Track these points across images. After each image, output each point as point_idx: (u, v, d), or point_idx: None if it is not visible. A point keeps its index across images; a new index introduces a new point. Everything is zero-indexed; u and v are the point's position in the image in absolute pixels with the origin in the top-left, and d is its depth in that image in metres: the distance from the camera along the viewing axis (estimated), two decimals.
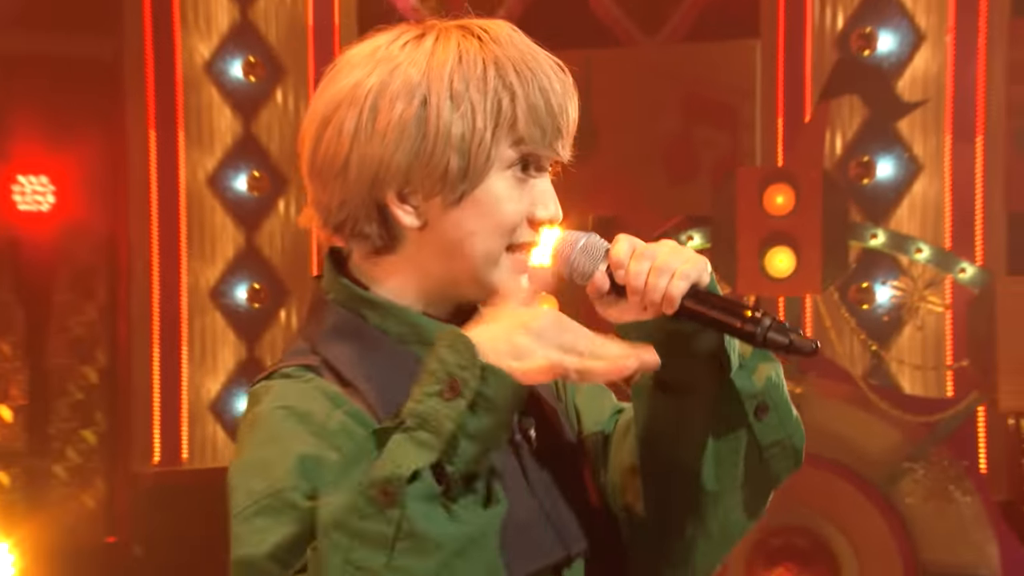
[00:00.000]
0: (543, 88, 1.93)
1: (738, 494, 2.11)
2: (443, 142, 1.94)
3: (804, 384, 7.07)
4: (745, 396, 1.95)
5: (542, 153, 1.99)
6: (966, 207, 7.89)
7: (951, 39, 7.92)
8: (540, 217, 2.00)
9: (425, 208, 1.99)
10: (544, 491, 2.07)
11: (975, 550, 7.15)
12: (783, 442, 2.02)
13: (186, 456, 9.47)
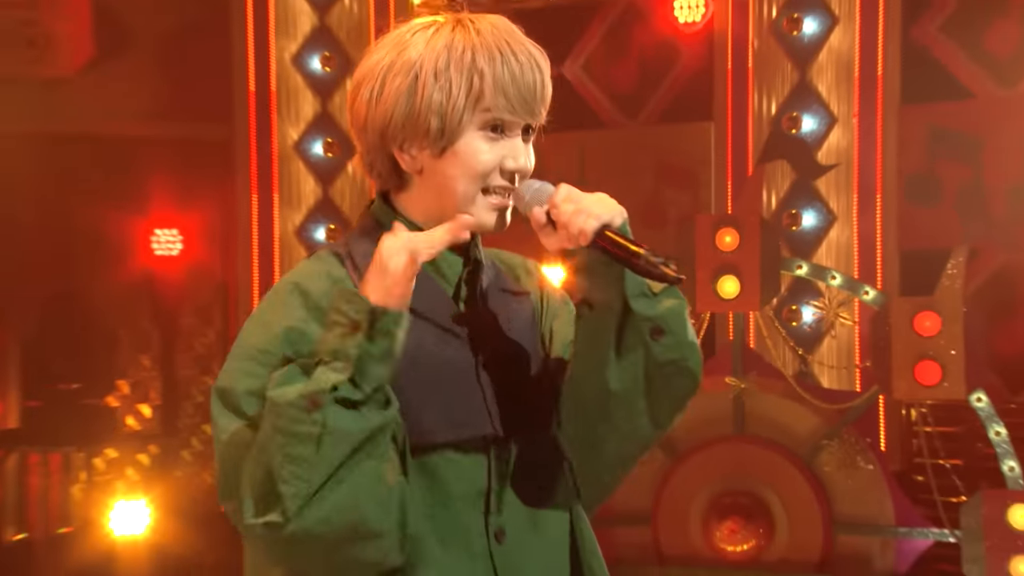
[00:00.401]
0: (511, 70, 2.22)
1: (642, 401, 2.32)
2: (426, 108, 2.23)
3: (747, 381, 7.45)
4: (641, 318, 2.19)
5: (507, 119, 2.24)
6: (869, 246, 8.40)
7: (856, 121, 8.44)
8: (508, 167, 2.25)
9: (420, 158, 2.29)
10: (489, 385, 2.35)
11: (875, 505, 7.29)
12: (678, 362, 2.25)
13: None
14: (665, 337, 2.21)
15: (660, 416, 2.33)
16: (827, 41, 8.32)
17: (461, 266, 2.40)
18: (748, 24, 8.43)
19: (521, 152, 2.25)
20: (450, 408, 2.32)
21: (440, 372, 2.34)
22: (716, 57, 8.74)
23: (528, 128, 2.27)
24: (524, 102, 2.23)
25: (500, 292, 2.49)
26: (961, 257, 7.07)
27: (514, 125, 2.24)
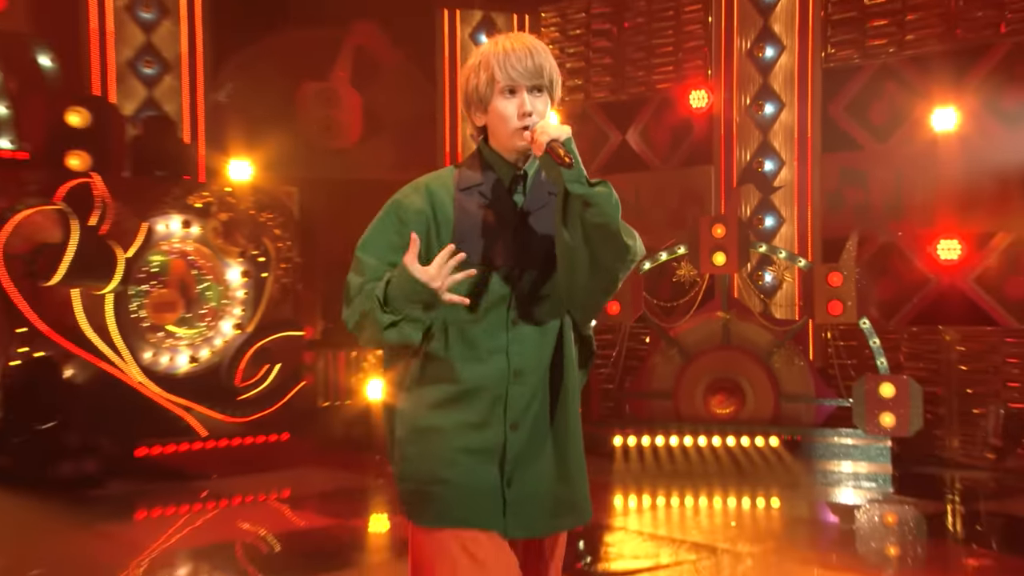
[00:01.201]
0: (510, 57, 2.48)
1: (585, 252, 2.45)
2: (472, 90, 2.54)
3: (731, 315, 8.57)
4: (574, 196, 2.37)
5: (513, 84, 2.48)
6: (803, 235, 9.32)
7: (796, 163, 9.29)
8: (520, 112, 2.47)
9: (481, 117, 2.57)
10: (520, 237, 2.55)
11: (804, 386, 8.40)
12: (605, 225, 2.40)
13: None
14: (592, 208, 2.39)
15: (606, 262, 2.49)
16: (779, 117, 9.24)
17: (517, 173, 2.62)
18: (733, 108, 9.42)
19: (525, 102, 2.50)
20: (493, 246, 2.58)
21: (488, 225, 2.60)
22: (714, 127, 9.53)
23: (535, 88, 2.53)
24: (520, 73, 2.50)
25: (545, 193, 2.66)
26: (854, 240, 8.21)
27: (519, 87, 2.50)
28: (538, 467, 2.57)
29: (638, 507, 7.38)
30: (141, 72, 9.62)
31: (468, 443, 2.51)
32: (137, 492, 7.80)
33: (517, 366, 2.51)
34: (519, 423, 2.51)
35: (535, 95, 2.45)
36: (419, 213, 2.52)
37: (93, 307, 8.23)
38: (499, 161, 2.56)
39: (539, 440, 2.56)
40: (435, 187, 2.55)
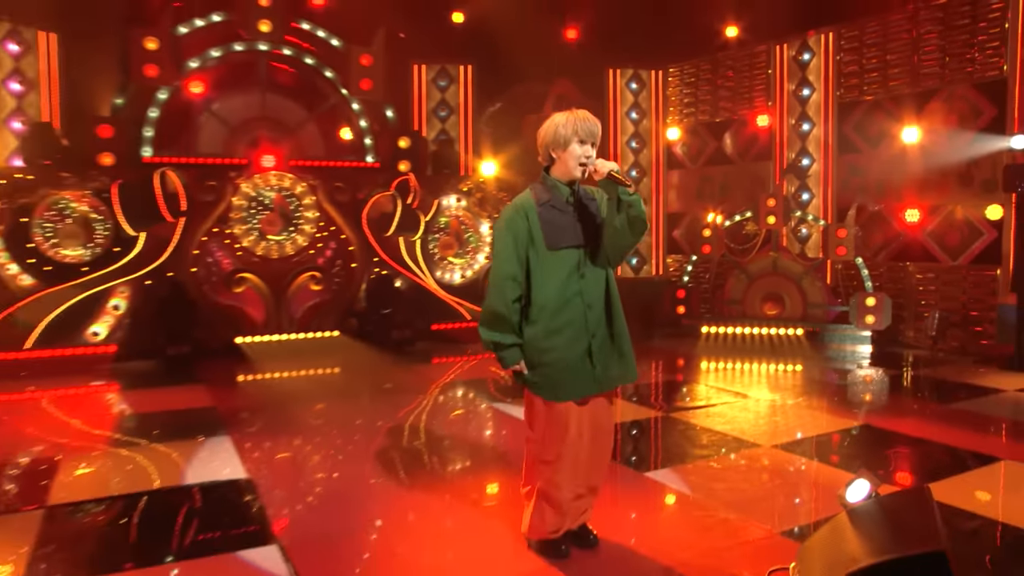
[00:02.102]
0: (588, 125, 2.72)
1: (628, 230, 2.67)
2: (559, 136, 2.75)
3: (778, 254, 8.86)
4: (623, 201, 2.63)
5: (584, 139, 2.71)
6: (825, 205, 9.17)
7: (822, 160, 9.15)
8: (584, 154, 2.72)
9: (558, 153, 2.76)
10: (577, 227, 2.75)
11: (822, 298, 8.59)
12: (638, 216, 2.66)
13: None
14: (632, 208, 2.62)
15: (636, 235, 2.71)
16: (812, 132, 9.19)
17: (570, 190, 2.75)
18: (784, 125, 9.41)
19: (589, 151, 2.69)
20: (565, 235, 2.76)
21: (560, 224, 2.75)
22: (772, 137, 9.47)
23: (591, 143, 2.71)
24: (587, 132, 2.73)
25: (587, 199, 2.78)
26: (854, 210, 8.51)
27: (586, 142, 2.73)
28: (608, 355, 2.86)
29: (708, 370, 7.36)
30: (438, 115, 10.30)
31: (573, 352, 2.80)
32: (432, 349, 8.44)
33: (588, 301, 2.79)
34: (596, 333, 2.80)
35: (591, 146, 2.77)
36: (521, 228, 2.78)
37: (410, 246, 9.16)
38: (558, 184, 2.82)
39: (606, 340, 2.84)
40: (526, 207, 2.80)
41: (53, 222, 7.80)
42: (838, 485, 3.56)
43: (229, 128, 9.09)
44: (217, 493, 4.10)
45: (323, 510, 3.84)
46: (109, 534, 3.62)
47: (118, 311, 8.05)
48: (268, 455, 4.81)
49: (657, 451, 4.63)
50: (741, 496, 3.83)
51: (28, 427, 5.60)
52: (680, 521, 3.48)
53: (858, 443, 4.82)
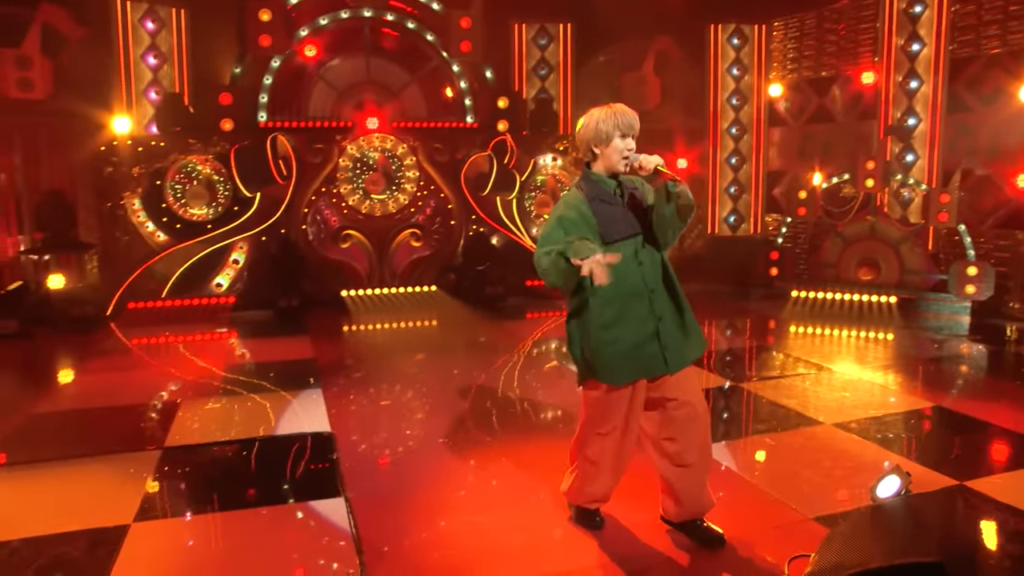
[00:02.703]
0: (623, 118, 2.71)
1: (676, 217, 2.71)
2: (600, 132, 2.74)
3: (875, 218, 8.43)
4: (671, 191, 2.67)
5: (625, 133, 2.71)
6: (930, 169, 8.60)
7: (929, 121, 8.63)
8: (627, 148, 2.72)
9: (600, 149, 2.76)
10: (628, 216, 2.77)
11: (920, 265, 8.28)
12: (685, 205, 2.70)
13: None
14: (681, 197, 2.69)
15: (684, 222, 2.77)
16: (920, 89, 8.66)
17: (615, 182, 2.79)
18: (890, 83, 8.82)
19: (631, 144, 2.71)
20: (619, 226, 2.78)
21: (613, 216, 2.78)
22: (877, 95, 8.93)
23: (632, 136, 2.72)
24: (629, 125, 2.74)
25: (631, 188, 2.82)
26: (958, 173, 8.20)
27: (627, 135, 2.74)
28: (676, 335, 2.90)
29: (792, 336, 7.16)
30: (538, 73, 10.12)
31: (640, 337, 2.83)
32: (526, 304, 8.64)
33: (651, 287, 2.84)
34: (663, 316, 2.85)
35: (631, 139, 2.79)
36: (573, 221, 2.80)
37: (507, 205, 9.36)
38: (602, 178, 2.86)
39: (673, 320, 2.88)
40: (578, 204, 2.83)
41: (182, 184, 8.48)
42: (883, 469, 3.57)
43: (336, 92, 9.45)
44: (301, 444, 4.49)
45: (392, 466, 4.11)
46: (204, 478, 4.06)
47: (238, 264, 8.73)
48: (353, 409, 5.15)
49: (715, 423, 4.61)
50: (784, 476, 3.82)
51: (159, 370, 6.27)
52: (717, 499, 3.49)
53: (924, 427, 4.63)
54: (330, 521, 3.50)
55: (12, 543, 3.24)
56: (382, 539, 3.27)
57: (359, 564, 3.05)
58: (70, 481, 3.99)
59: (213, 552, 3.24)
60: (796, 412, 4.80)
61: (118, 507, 3.60)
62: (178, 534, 3.39)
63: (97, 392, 5.73)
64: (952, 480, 3.66)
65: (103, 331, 7.65)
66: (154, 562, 3.14)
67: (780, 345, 6.89)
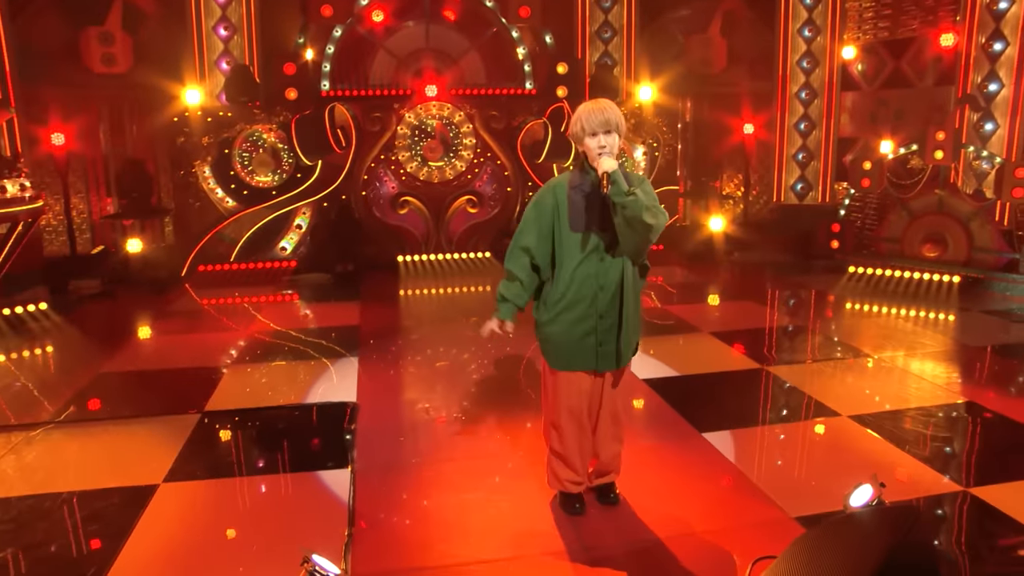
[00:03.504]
0: (596, 117, 2.74)
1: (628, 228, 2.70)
2: (575, 130, 2.82)
3: (944, 191, 8.13)
4: (615, 201, 2.68)
5: (595, 131, 2.75)
6: (1011, 139, 8.18)
7: (1013, 87, 8.05)
8: (598, 145, 2.76)
9: (582, 145, 2.84)
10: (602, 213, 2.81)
11: (990, 243, 7.83)
12: (633, 217, 2.66)
13: None
14: (626, 209, 2.66)
15: (637, 234, 2.74)
16: (1004, 52, 8.13)
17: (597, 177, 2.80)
18: (972, 45, 8.40)
19: (603, 141, 2.77)
20: (586, 219, 2.85)
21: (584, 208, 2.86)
22: (957, 58, 8.57)
23: (606, 132, 2.78)
24: (599, 126, 2.78)
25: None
26: None
27: (598, 132, 2.78)
28: (613, 338, 2.99)
29: (840, 316, 6.92)
30: (601, 37, 9.96)
31: (578, 329, 2.96)
32: None
33: (602, 284, 2.91)
34: (604, 315, 2.94)
35: (607, 135, 2.82)
36: (548, 205, 2.93)
37: (563, 171, 9.66)
38: (591, 170, 2.91)
39: (614, 324, 2.96)
40: (558, 187, 2.93)
41: (249, 152, 8.90)
42: (893, 470, 3.55)
43: (397, 60, 9.61)
44: (325, 413, 4.74)
45: (406, 439, 4.27)
46: (230, 444, 4.39)
47: (301, 229, 9.15)
48: (383, 379, 5.37)
49: (729, 410, 4.58)
50: (778, 470, 3.79)
51: (214, 334, 6.68)
52: (704, 491, 3.52)
53: (948, 425, 4.36)
54: (332, 491, 3.72)
55: (63, 495, 3.66)
56: (376, 511, 3.43)
57: (347, 535, 3.26)
58: (116, 440, 4.40)
59: (221, 516, 3.51)
60: (815, 401, 4.68)
61: (152, 468, 3.96)
62: (195, 496, 3.71)
63: (157, 354, 6.23)
64: (957, 486, 3.53)
65: (175, 292, 8.19)
66: (170, 522, 3.46)
67: (822, 325, 6.68)
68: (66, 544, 3.25)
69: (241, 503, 3.65)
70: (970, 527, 3.14)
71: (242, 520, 3.45)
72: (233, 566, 3.07)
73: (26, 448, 4.26)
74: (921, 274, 7.87)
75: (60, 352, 6.22)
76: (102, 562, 3.09)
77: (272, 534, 3.29)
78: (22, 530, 3.32)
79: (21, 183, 6.80)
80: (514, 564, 3.00)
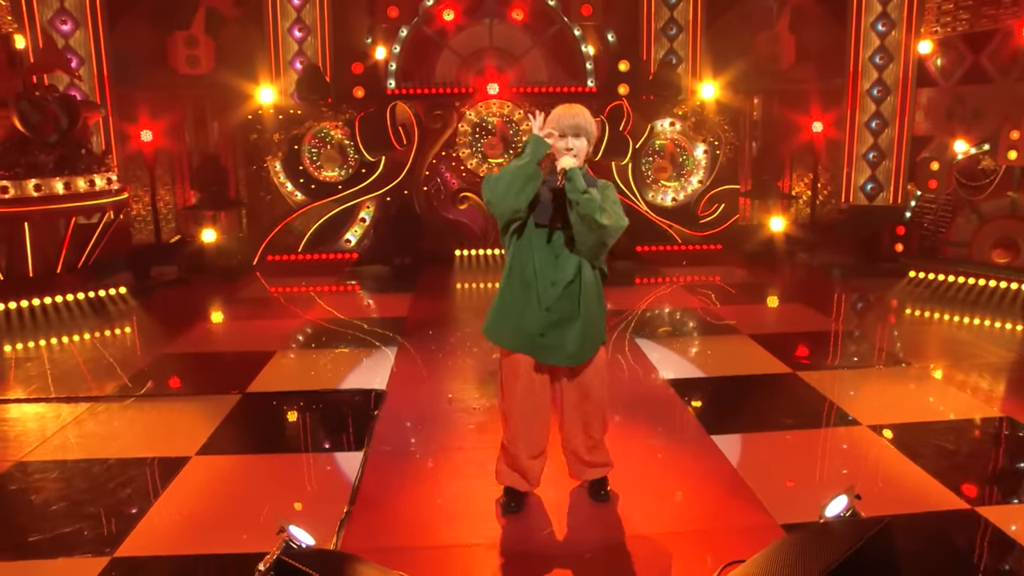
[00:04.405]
0: (567, 120, 2.82)
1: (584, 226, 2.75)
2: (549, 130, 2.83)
3: (1018, 194, 7.72)
4: (570, 195, 2.75)
5: (563, 133, 2.82)
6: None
7: None
8: (564, 147, 2.83)
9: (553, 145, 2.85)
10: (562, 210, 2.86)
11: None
12: (585, 215, 2.72)
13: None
14: (580, 206, 2.74)
15: (596, 234, 2.79)
16: None
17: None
18: None
19: (569, 144, 2.87)
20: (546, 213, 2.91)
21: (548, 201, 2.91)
22: None
23: (574, 135, 2.87)
24: (570, 127, 2.87)
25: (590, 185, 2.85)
26: None
27: (567, 134, 2.86)
28: (560, 331, 3.02)
29: (892, 322, 6.79)
30: (667, 34, 9.88)
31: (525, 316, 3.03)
32: (635, 270, 8.79)
33: (553, 279, 2.97)
34: (551, 308, 2.99)
35: (576, 138, 2.90)
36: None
37: (622, 170, 9.44)
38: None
39: (563, 317, 3.00)
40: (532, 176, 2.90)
41: (317, 148, 9.32)
42: (902, 482, 3.50)
43: (460, 59, 9.86)
44: (353, 399, 5.01)
45: (423, 427, 4.42)
46: (262, 423, 4.69)
47: (365, 222, 9.53)
48: (414, 370, 5.57)
49: (745, 413, 4.56)
50: (777, 477, 3.73)
51: (273, 321, 7.06)
52: (696, 492, 3.52)
53: (973, 440, 4.18)
54: (342, 472, 3.98)
55: (110, 460, 4.08)
56: (380, 492, 3.62)
57: (345, 511, 3.49)
58: (163, 415, 4.80)
59: (236, 488, 3.80)
60: (838, 408, 4.59)
61: (188, 442, 4.32)
62: (220, 469, 4.02)
63: (216, 337, 6.70)
64: (963, 504, 3.42)
65: (246, 280, 8.70)
66: (193, 491, 3.79)
67: (868, 331, 6.53)
68: (102, 503, 3.62)
69: (259, 478, 3.93)
70: (966, 545, 3.09)
71: (256, 493, 3.72)
72: (236, 533, 3.34)
73: (88, 418, 4.73)
74: (988, 281, 7.50)
75: (129, 333, 6.76)
76: (129, 521, 3.46)
77: (278, 508, 3.55)
78: (69, 488, 3.73)
79: (108, 177, 7.35)
80: (491, 552, 3.12)
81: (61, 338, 6.49)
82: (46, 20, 8.54)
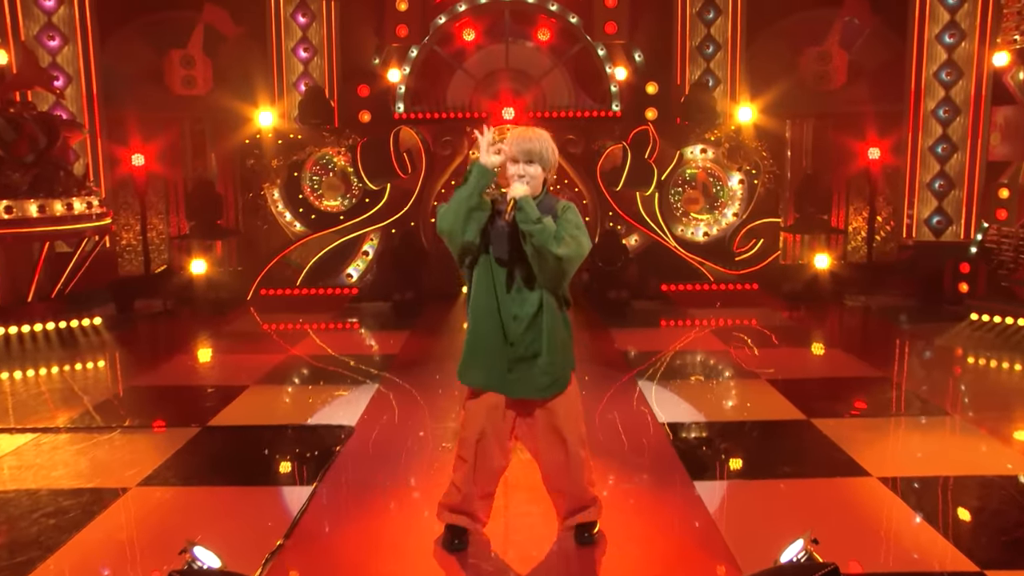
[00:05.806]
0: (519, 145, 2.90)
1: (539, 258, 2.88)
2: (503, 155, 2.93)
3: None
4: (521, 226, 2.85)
5: (515, 159, 2.92)
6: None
7: None
8: (514, 173, 2.92)
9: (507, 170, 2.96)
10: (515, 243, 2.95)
11: None
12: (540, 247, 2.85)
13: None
14: (532, 236, 2.84)
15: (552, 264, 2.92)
16: None
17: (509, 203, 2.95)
18: None
19: (521, 171, 2.97)
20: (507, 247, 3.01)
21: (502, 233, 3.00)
22: None
23: (528, 161, 2.97)
24: (521, 152, 2.96)
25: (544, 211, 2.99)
26: None
27: (519, 160, 2.97)
28: (528, 364, 3.15)
29: (936, 367, 6.79)
30: (703, 52, 10.25)
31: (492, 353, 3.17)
32: (658, 310, 8.94)
33: (515, 313, 3.10)
34: (515, 342, 3.12)
35: (529, 164, 3.01)
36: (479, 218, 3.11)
37: (647, 201, 9.74)
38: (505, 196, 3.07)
39: (528, 351, 3.12)
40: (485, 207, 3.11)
41: (319, 175, 9.72)
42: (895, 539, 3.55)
43: (475, 81, 10.21)
44: (318, 435, 5.23)
45: (384, 465, 4.58)
46: (215, 456, 4.88)
47: (368, 256, 9.80)
48: (389, 408, 5.75)
49: (738, 460, 4.61)
50: (756, 527, 3.74)
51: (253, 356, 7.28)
52: (663, 540, 3.61)
53: (997, 497, 4.10)
54: (286, 506, 4.14)
55: (39, 491, 4.27)
56: (319, 527, 3.80)
57: (277, 544, 3.66)
58: (114, 447, 5.02)
59: (169, 520, 3.97)
60: (848, 459, 4.55)
61: (132, 473, 4.53)
62: (158, 501, 4.20)
63: (189, 371, 6.93)
64: (974, 567, 3.37)
65: (237, 314, 8.99)
66: (124, 521, 3.97)
67: (908, 378, 6.52)
68: (19, 534, 3.82)
69: (197, 510, 4.11)
70: None
71: (189, 525, 3.87)
72: (156, 563, 3.50)
73: (30, 450, 4.95)
74: None
75: (102, 366, 7.08)
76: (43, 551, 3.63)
77: (207, 541, 3.59)
78: None
79: (89, 201, 7.76)
80: None
81: (26, 370, 6.82)
82: (32, 35, 9.08)
